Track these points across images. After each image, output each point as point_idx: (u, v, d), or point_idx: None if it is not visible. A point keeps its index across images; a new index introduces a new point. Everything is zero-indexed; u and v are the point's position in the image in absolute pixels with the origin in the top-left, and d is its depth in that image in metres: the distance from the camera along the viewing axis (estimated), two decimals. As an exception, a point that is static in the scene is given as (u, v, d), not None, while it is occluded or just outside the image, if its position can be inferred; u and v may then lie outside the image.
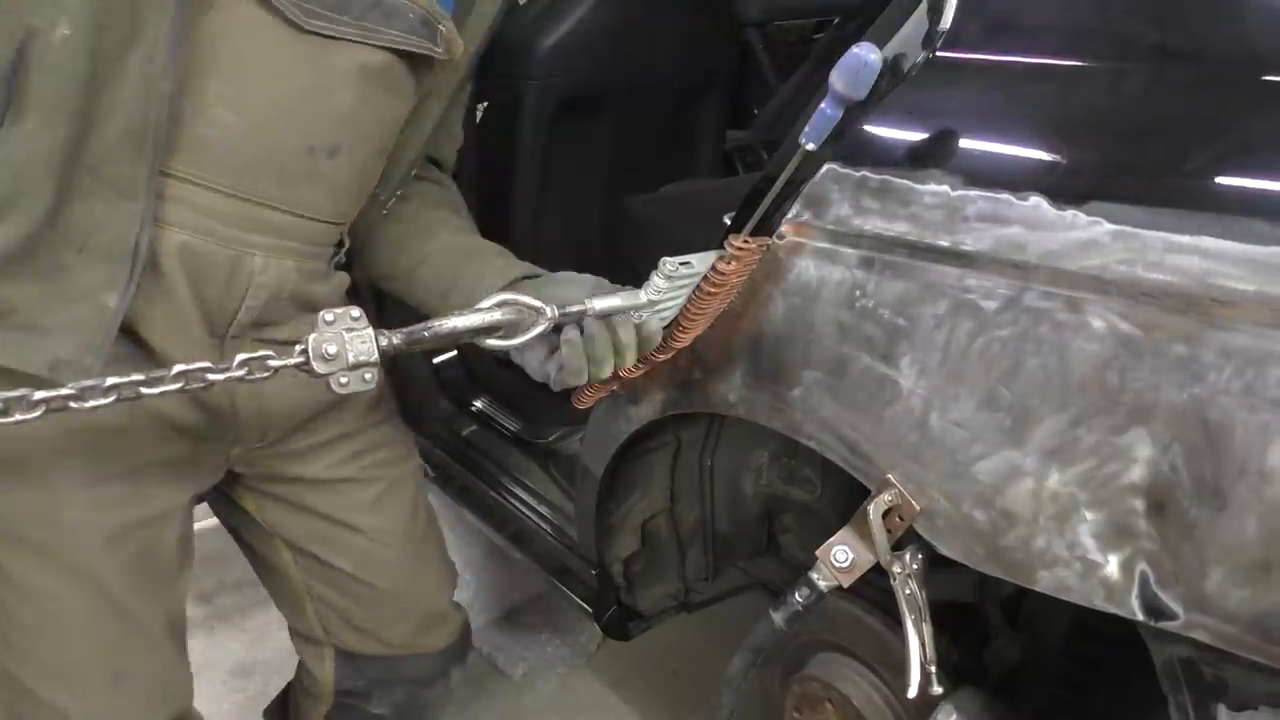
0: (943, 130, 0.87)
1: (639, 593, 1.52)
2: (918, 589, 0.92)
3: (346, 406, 1.17)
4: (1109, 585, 0.74)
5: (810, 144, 0.90)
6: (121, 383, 0.75)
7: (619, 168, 2.11)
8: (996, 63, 0.89)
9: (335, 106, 0.97)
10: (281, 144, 0.95)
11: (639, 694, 1.98)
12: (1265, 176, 0.71)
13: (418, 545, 1.27)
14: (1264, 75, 0.75)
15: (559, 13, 1.88)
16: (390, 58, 1.00)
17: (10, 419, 0.72)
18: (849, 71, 0.84)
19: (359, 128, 1.01)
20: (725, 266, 0.95)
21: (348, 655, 1.28)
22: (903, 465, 0.87)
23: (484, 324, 0.89)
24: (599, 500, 1.35)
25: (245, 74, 0.91)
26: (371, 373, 0.82)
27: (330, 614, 1.25)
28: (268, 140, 0.94)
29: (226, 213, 0.94)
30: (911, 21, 0.90)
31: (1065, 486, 0.75)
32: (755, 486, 1.38)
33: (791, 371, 0.95)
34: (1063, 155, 0.81)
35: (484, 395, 2.06)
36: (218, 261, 0.95)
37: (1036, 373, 0.77)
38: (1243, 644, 0.68)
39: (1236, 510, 0.67)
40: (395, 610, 1.25)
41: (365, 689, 1.31)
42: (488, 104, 1.95)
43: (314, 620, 1.26)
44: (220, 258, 0.95)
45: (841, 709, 1.20)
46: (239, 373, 0.79)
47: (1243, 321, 0.67)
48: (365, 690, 1.31)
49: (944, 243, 0.82)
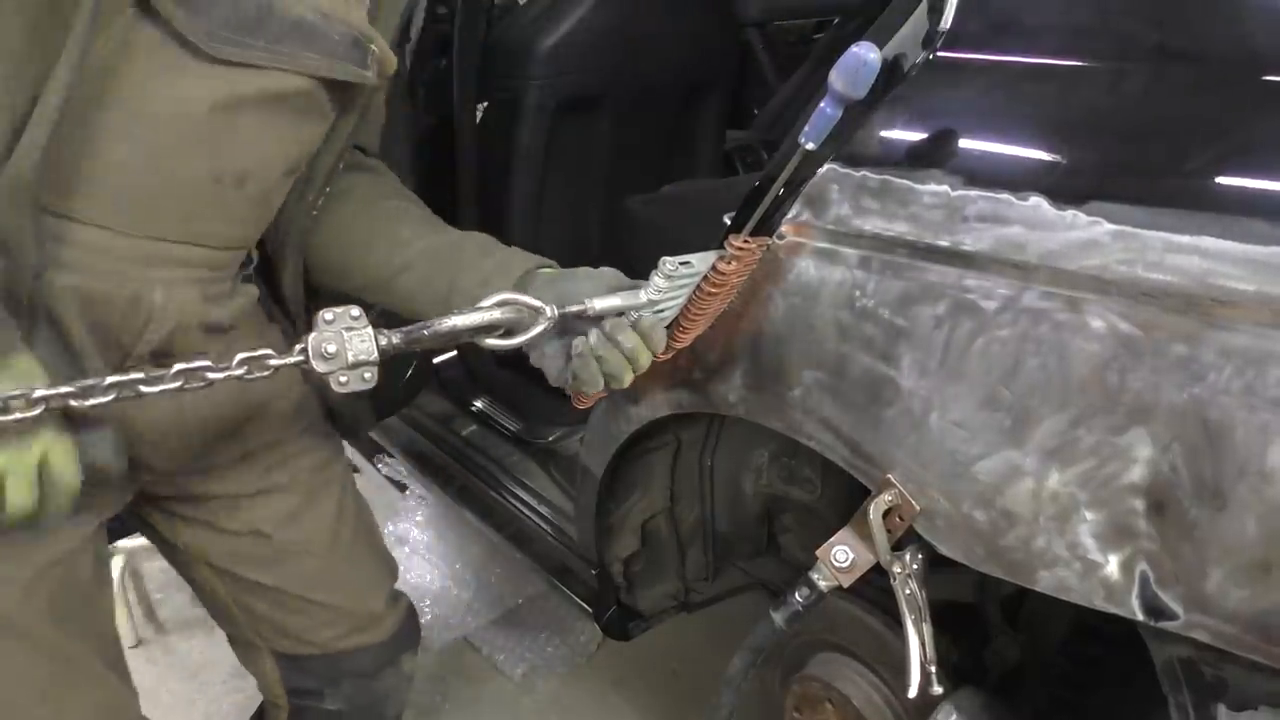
0: (943, 130, 0.87)
1: (639, 593, 1.52)
2: (918, 589, 0.92)
3: (264, 418, 1.11)
4: (1109, 585, 0.74)
5: (810, 144, 0.90)
6: (121, 381, 0.75)
7: (619, 168, 2.11)
8: (996, 63, 0.89)
9: (244, 135, 0.91)
10: (184, 176, 0.90)
11: (639, 694, 1.98)
12: (1265, 176, 0.71)
13: (346, 550, 1.23)
14: (1264, 75, 0.75)
15: (559, 13, 1.88)
16: (310, 83, 0.93)
17: (10, 416, 0.72)
18: (848, 71, 0.84)
19: (269, 154, 0.95)
20: (725, 266, 0.95)
21: (287, 657, 1.26)
22: (903, 465, 0.87)
23: (484, 323, 0.89)
24: (599, 500, 1.36)
25: (144, 106, 0.85)
26: (371, 371, 0.82)
27: (260, 622, 1.22)
28: (168, 174, 0.89)
29: (123, 252, 0.89)
30: (911, 21, 0.90)
31: (1065, 486, 0.75)
32: (755, 486, 1.38)
33: (792, 371, 0.95)
34: (1063, 155, 0.81)
35: (484, 395, 2.06)
36: (114, 300, 0.90)
37: (1036, 373, 0.77)
38: (1243, 644, 0.69)
39: (1236, 510, 0.67)
40: (325, 616, 1.22)
41: (316, 687, 1.28)
42: (488, 104, 1.96)
43: (246, 629, 1.24)
44: (117, 296, 0.90)
45: (841, 709, 1.20)
46: (239, 371, 0.79)
47: (1243, 321, 0.67)
48: (317, 689, 1.28)
49: (944, 243, 0.82)
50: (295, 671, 1.27)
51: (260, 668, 1.28)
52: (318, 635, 1.23)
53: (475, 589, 2.23)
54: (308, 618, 1.21)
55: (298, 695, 1.29)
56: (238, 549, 1.15)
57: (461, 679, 2.02)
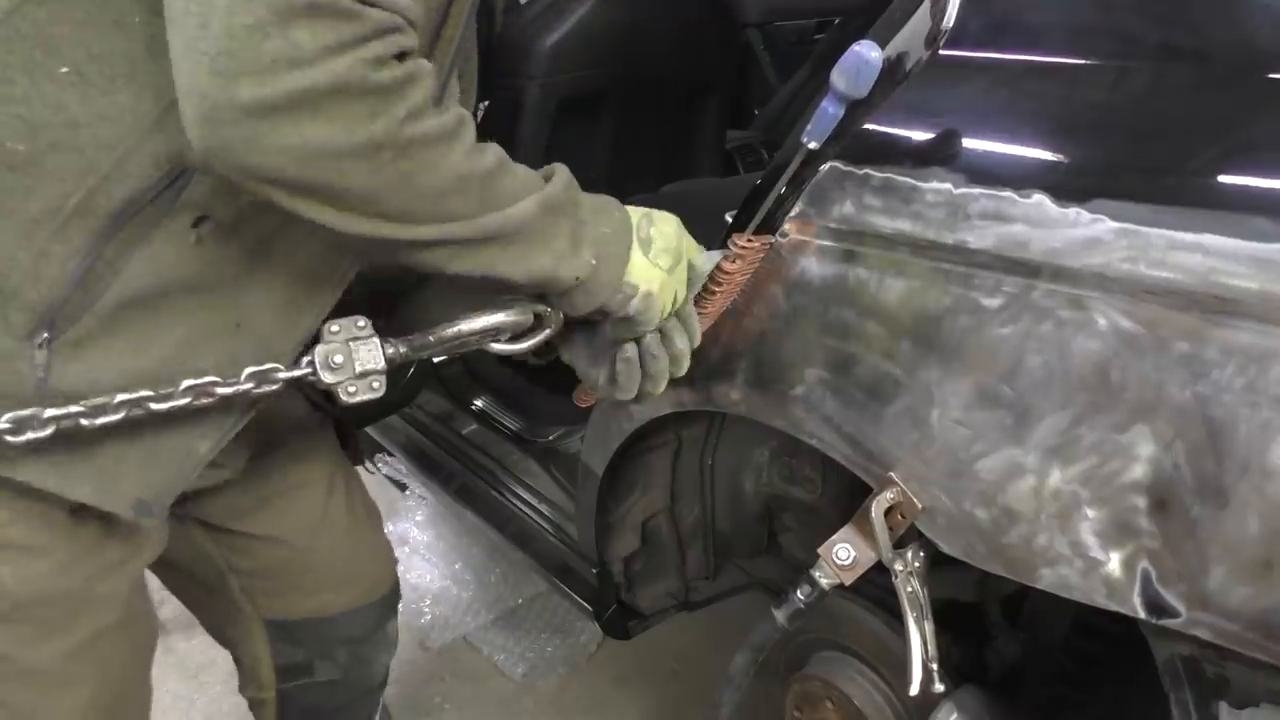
0: (946, 128, 0.87)
1: (639, 592, 1.52)
2: (919, 587, 0.92)
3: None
4: (1111, 583, 0.74)
5: (812, 142, 0.90)
6: (130, 399, 0.75)
7: (619, 167, 2.11)
8: (999, 61, 0.89)
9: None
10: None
11: (639, 693, 1.98)
12: (1268, 174, 0.71)
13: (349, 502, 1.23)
14: (1267, 73, 0.75)
15: (560, 12, 1.88)
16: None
17: (22, 438, 0.72)
18: (850, 69, 0.84)
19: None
20: (729, 265, 0.95)
21: (279, 625, 1.23)
22: (905, 463, 0.87)
23: (489, 326, 0.89)
24: (599, 499, 1.35)
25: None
26: (379, 380, 0.83)
27: (254, 583, 1.20)
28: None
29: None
30: (914, 20, 0.90)
31: (1067, 484, 0.75)
32: (756, 485, 1.38)
33: (794, 369, 0.95)
34: (1066, 153, 0.81)
35: (484, 394, 2.06)
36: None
37: (1039, 370, 0.77)
38: (1244, 641, 0.69)
39: (1239, 508, 0.67)
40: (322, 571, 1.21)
41: (305, 660, 1.26)
42: (488, 103, 1.96)
43: (238, 594, 1.21)
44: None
45: (842, 708, 1.20)
46: (247, 386, 0.80)
47: (1245, 319, 0.67)
48: (306, 662, 1.26)
49: (947, 240, 0.82)
50: (286, 642, 1.25)
51: (249, 645, 1.26)
52: (313, 598, 1.22)
53: (475, 589, 2.23)
54: (304, 577, 1.20)
55: (286, 675, 1.27)
56: (237, 504, 1.14)
57: (461, 679, 2.02)
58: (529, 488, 1.82)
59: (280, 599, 1.22)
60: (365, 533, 1.28)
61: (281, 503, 1.17)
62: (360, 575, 1.26)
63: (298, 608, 1.22)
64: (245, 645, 1.27)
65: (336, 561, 1.23)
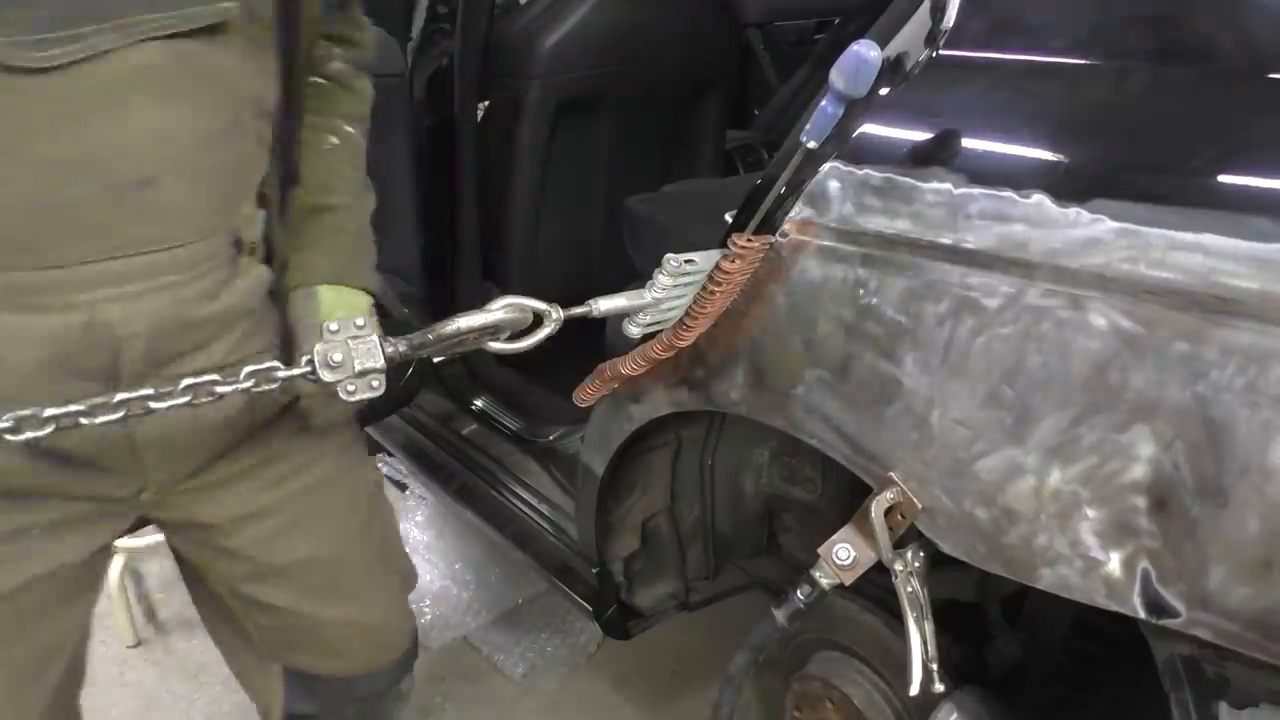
0: (945, 128, 0.87)
1: (639, 592, 1.52)
2: (919, 587, 0.92)
3: (268, 428, 1.04)
4: (1111, 583, 0.74)
5: (812, 142, 0.90)
6: (130, 398, 0.75)
7: (619, 167, 2.11)
8: (999, 61, 0.89)
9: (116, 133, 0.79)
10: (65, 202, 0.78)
11: (640, 693, 1.98)
12: (1268, 174, 0.71)
13: (368, 564, 1.19)
14: (1266, 74, 0.75)
15: (560, 12, 1.88)
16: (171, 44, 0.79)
17: (20, 436, 0.72)
18: (849, 69, 0.84)
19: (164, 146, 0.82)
20: (729, 265, 0.95)
21: (299, 675, 1.22)
22: (905, 463, 0.87)
23: (488, 324, 0.89)
24: (599, 499, 1.36)
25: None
26: (379, 379, 0.83)
27: (275, 642, 1.19)
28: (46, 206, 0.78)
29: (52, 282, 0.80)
30: (914, 20, 0.90)
31: (1067, 484, 0.75)
32: (756, 485, 1.38)
33: (794, 369, 0.95)
34: (1065, 153, 0.81)
35: (484, 394, 2.06)
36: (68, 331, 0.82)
37: (1038, 370, 0.77)
38: (1244, 641, 0.69)
39: (1238, 508, 0.67)
40: (338, 635, 1.18)
41: (315, 712, 1.26)
42: (488, 103, 1.96)
43: (261, 645, 1.20)
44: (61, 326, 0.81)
45: (842, 708, 1.20)
46: (246, 384, 0.80)
47: (1245, 319, 0.67)
48: (314, 714, 1.26)
49: (946, 240, 0.82)
50: (302, 693, 1.24)
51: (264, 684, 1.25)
52: (333, 659, 1.20)
53: (475, 589, 2.23)
54: (321, 639, 1.18)
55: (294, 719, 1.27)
56: (251, 571, 1.10)
57: (461, 679, 2.02)
58: (529, 488, 1.82)
59: (301, 655, 1.20)
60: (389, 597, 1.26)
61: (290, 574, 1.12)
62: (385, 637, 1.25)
63: (318, 667, 1.21)
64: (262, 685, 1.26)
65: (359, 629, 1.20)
